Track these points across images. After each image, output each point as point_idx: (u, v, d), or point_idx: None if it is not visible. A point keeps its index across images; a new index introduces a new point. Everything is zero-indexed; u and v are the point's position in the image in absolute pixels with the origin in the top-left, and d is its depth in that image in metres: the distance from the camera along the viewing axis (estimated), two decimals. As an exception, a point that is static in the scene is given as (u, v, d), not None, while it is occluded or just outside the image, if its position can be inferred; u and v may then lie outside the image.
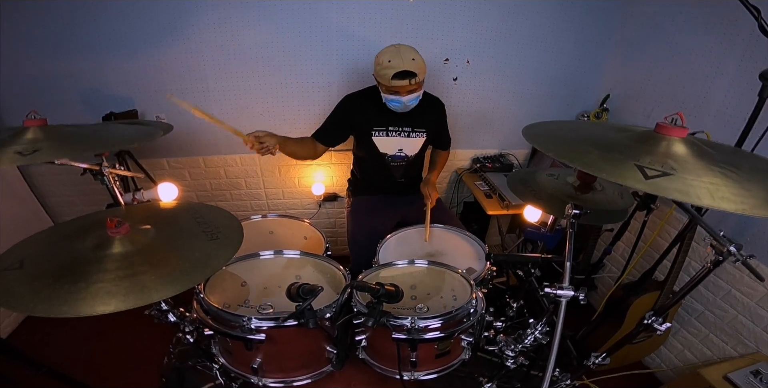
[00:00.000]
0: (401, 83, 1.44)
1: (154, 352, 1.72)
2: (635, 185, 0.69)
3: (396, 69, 1.41)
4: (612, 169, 0.73)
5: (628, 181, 0.70)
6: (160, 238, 0.93)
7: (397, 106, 1.54)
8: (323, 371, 1.16)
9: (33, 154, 0.89)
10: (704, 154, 0.79)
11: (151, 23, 1.75)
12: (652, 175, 0.70)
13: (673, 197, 0.67)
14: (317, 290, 0.93)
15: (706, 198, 0.66)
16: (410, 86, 1.46)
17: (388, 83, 1.45)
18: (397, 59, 1.42)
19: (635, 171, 0.72)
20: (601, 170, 0.73)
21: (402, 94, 1.49)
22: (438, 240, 1.54)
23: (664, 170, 0.71)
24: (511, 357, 1.14)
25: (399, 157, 1.74)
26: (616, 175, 0.72)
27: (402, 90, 1.47)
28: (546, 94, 2.18)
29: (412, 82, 1.45)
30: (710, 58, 1.56)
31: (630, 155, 0.77)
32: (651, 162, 0.74)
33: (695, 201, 0.66)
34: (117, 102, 1.89)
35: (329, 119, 1.69)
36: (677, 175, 0.71)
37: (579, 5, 1.94)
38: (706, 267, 0.96)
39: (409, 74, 1.42)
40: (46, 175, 2.13)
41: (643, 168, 0.72)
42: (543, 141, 0.91)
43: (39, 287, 0.76)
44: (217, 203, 2.33)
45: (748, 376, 1.34)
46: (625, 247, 2.00)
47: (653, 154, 0.77)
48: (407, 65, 1.42)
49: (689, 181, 0.70)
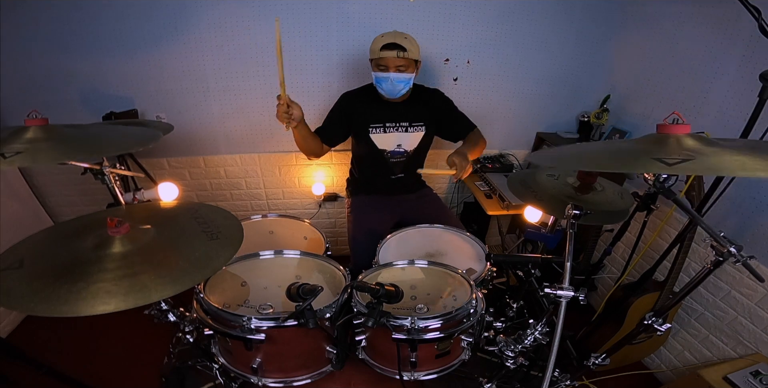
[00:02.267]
0: (389, 54, 1.45)
1: (154, 352, 1.72)
2: (661, 171, 0.69)
3: (386, 41, 1.46)
4: (633, 163, 0.75)
5: (653, 169, 0.70)
6: (160, 238, 0.93)
7: (386, 87, 1.53)
8: (323, 371, 1.16)
9: (34, 155, 0.89)
10: (715, 144, 0.78)
11: (151, 23, 1.75)
12: (673, 162, 0.70)
13: (704, 174, 0.67)
14: (317, 290, 0.93)
15: (738, 170, 0.67)
16: (398, 60, 1.47)
17: (377, 55, 1.47)
18: (390, 35, 1.47)
19: (655, 162, 0.72)
20: (622, 166, 0.73)
21: (390, 70, 1.49)
22: (438, 240, 1.53)
23: (682, 158, 0.71)
24: (511, 358, 1.14)
25: (398, 152, 1.74)
26: (638, 166, 0.72)
27: (390, 64, 1.48)
28: (546, 95, 2.18)
29: (400, 55, 1.46)
30: (710, 58, 1.56)
31: (646, 154, 0.76)
32: (668, 153, 0.74)
33: (729, 172, 0.66)
34: (117, 102, 1.89)
35: (328, 117, 1.70)
36: (698, 159, 0.71)
37: (579, 5, 1.94)
38: (706, 268, 0.96)
39: (398, 46, 1.46)
40: (46, 175, 2.13)
41: (662, 159, 0.72)
42: (558, 162, 0.91)
43: (39, 286, 0.76)
44: (217, 202, 2.33)
45: (748, 377, 1.33)
46: (625, 247, 2.00)
47: (667, 150, 0.77)
48: (398, 40, 1.46)
49: (713, 160, 0.70)
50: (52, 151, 0.92)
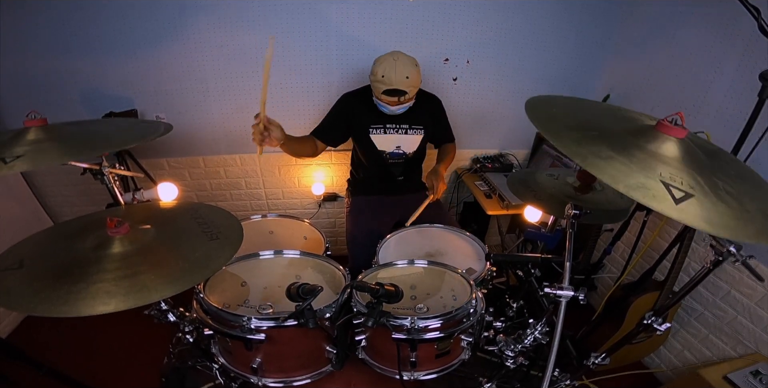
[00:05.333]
0: (390, 99, 1.52)
1: (154, 352, 1.72)
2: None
3: (387, 86, 1.46)
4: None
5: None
6: (160, 238, 0.93)
7: (385, 111, 1.61)
8: (323, 371, 1.16)
9: (35, 158, 0.89)
10: (693, 160, 0.76)
11: (151, 23, 1.75)
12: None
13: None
14: (317, 290, 0.93)
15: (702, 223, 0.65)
16: (398, 102, 1.54)
17: (378, 95, 1.54)
18: (391, 75, 1.45)
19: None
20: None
21: (391, 105, 1.56)
22: (438, 240, 1.53)
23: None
24: (511, 357, 1.14)
25: (397, 154, 1.75)
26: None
27: (391, 103, 1.54)
28: (546, 94, 2.18)
29: (401, 99, 1.52)
30: (710, 58, 1.56)
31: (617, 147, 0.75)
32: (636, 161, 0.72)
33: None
34: (117, 102, 1.89)
35: (327, 117, 1.71)
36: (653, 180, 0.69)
37: (579, 5, 1.94)
38: (706, 267, 0.96)
39: (398, 92, 1.48)
40: (46, 176, 2.13)
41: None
42: (538, 114, 0.90)
43: (39, 287, 0.76)
44: (217, 202, 2.33)
45: (748, 376, 1.34)
46: (625, 247, 2.00)
47: (641, 150, 0.76)
48: (399, 84, 1.46)
49: None
50: (52, 151, 0.92)
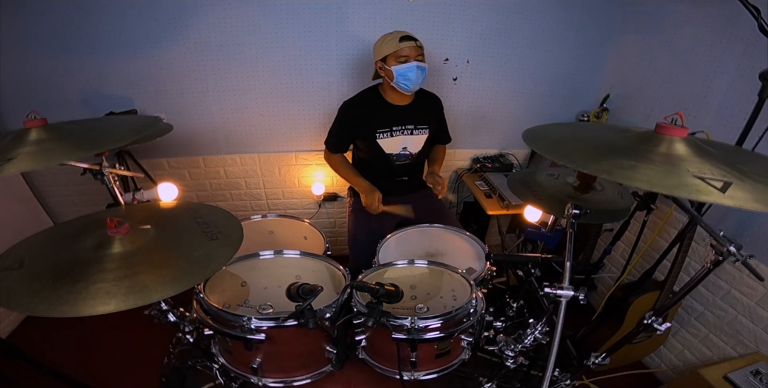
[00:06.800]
0: (410, 44, 1.49)
1: (154, 352, 1.72)
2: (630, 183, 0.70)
3: (401, 34, 1.49)
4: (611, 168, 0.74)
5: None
6: (160, 238, 0.93)
7: (412, 76, 1.52)
8: (323, 371, 1.16)
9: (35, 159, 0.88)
10: (705, 154, 0.78)
11: (151, 23, 1.75)
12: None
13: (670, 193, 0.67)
14: (317, 290, 0.93)
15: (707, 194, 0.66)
16: (418, 49, 1.51)
17: (396, 48, 1.48)
18: (397, 31, 1.51)
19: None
20: (602, 171, 0.73)
21: (412, 59, 1.50)
22: (438, 240, 1.53)
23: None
24: (511, 357, 1.14)
25: (403, 155, 1.75)
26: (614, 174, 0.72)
27: (412, 54, 1.50)
28: (546, 94, 2.18)
29: (419, 44, 1.51)
30: (710, 58, 1.56)
31: (631, 156, 0.77)
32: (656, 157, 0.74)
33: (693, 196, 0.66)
34: (117, 102, 1.89)
35: (334, 128, 1.72)
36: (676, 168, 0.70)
37: (579, 5, 1.94)
38: (706, 267, 0.96)
39: (413, 38, 1.50)
40: (46, 175, 2.13)
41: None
42: (543, 145, 0.91)
43: (39, 287, 0.76)
44: (217, 203, 2.33)
45: (748, 376, 1.34)
46: (625, 247, 2.00)
47: (654, 154, 0.77)
48: (409, 32, 1.51)
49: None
50: (52, 151, 0.91)
